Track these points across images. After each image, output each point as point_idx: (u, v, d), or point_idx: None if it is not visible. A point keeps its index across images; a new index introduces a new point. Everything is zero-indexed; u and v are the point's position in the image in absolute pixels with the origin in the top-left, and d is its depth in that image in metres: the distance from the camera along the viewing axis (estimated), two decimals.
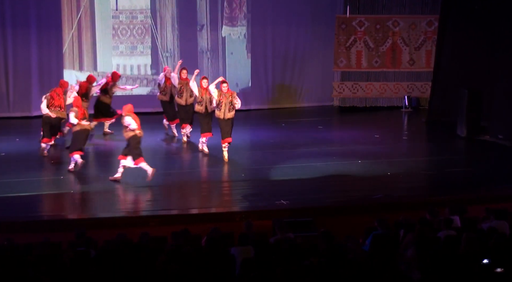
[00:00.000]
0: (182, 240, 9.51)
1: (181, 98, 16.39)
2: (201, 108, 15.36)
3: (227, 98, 14.79)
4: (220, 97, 14.83)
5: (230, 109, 14.82)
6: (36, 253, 9.05)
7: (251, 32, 21.03)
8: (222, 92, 14.84)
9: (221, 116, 14.82)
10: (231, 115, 14.86)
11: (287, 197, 12.75)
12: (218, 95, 14.84)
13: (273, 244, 9.63)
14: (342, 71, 21.35)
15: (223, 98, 14.81)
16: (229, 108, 14.80)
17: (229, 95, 14.82)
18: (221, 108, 14.81)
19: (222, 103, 14.80)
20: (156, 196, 13.18)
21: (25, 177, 13.99)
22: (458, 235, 9.47)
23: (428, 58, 21.05)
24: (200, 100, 15.38)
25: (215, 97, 14.88)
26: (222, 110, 14.81)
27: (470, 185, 13.79)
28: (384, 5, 21.12)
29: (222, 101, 14.81)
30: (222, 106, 14.79)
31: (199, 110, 15.41)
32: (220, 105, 14.83)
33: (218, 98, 14.85)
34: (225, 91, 14.83)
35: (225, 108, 14.79)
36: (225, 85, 14.87)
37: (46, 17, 19.70)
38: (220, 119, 14.87)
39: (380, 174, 14.40)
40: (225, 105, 14.77)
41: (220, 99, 14.82)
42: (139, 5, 20.33)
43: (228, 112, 14.82)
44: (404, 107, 21.26)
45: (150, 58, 20.52)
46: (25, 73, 19.76)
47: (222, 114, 14.81)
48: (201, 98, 15.34)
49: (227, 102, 14.78)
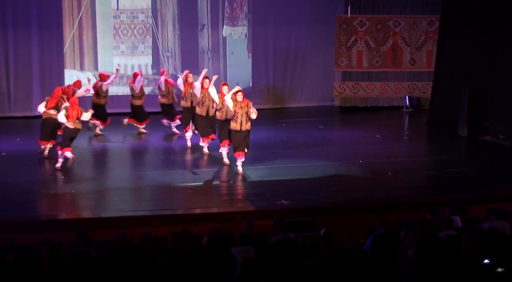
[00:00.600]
0: (183, 240, 9.50)
1: (202, 107, 15.25)
2: (222, 115, 14.47)
3: (243, 109, 13.86)
4: (235, 107, 13.91)
5: (247, 120, 13.92)
6: (36, 253, 9.05)
7: (252, 32, 21.02)
8: (238, 102, 13.90)
9: (238, 127, 13.87)
10: (249, 127, 13.99)
11: (288, 197, 12.75)
12: (233, 106, 13.92)
13: (274, 244, 9.63)
14: (343, 71, 21.34)
15: (238, 109, 13.87)
16: (246, 119, 13.88)
17: (244, 105, 13.89)
18: (237, 119, 13.87)
19: (238, 113, 13.86)
20: (157, 196, 13.18)
21: (26, 177, 13.99)
22: (458, 235, 9.47)
23: (429, 58, 21.04)
24: (220, 107, 14.47)
25: (231, 108, 13.99)
26: (238, 121, 13.87)
27: (471, 185, 13.78)
28: (385, 5, 21.11)
29: (238, 112, 13.88)
30: (238, 117, 13.86)
31: (220, 117, 14.54)
32: (236, 116, 13.90)
33: (233, 109, 13.93)
34: (240, 101, 13.92)
35: (242, 119, 13.85)
36: (240, 94, 13.90)
37: (47, 16, 19.69)
38: (235, 131, 13.93)
39: (380, 174, 14.39)
40: (242, 116, 13.85)
41: (235, 110, 13.89)
42: (140, 5, 20.33)
43: (246, 123, 13.92)
44: (405, 107, 21.25)
45: (151, 58, 20.51)
46: (26, 73, 19.76)
47: (239, 126, 13.87)
48: (221, 105, 14.43)
49: (243, 113, 13.85)
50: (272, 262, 8.64)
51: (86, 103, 17.19)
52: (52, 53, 19.86)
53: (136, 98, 17.34)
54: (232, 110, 13.94)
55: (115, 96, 19.82)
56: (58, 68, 19.91)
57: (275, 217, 11.16)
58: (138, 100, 17.37)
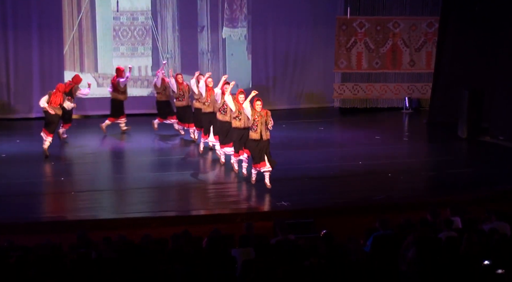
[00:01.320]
0: (183, 242, 9.50)
1: (225, 114, 14.50)
2: (239, 123, 13.87)
3: (262, 117, 13.27)
4: (254, 116, 13.33)
5: (266, 129, 13.30)
6: (37, 254, 9.05)
7: (252, 33, 21.03)
8: (256, 111, 13.32)
9: (257, 137, 13.28)
10: (269, 136, 13.37)
11: (288, 198, 12.76)
12: (252, 115, 13.34)
13: (274, 245, 9.63)
14: (342, 73, 21.33)
15: (258, 118, 13.29)
16: (265, 128, 13.28)
17: (264, 114, 13.28)
18: (257, 128, 13.27)
19: (258, 122, 13.27)
20: (157, 198, 13.19)
21: (26, 178, 14.00)
22: (459, 236, 9.47)
23: (429, 59, 21.05)
24: (237, 115, 13.88)
25: (249, 117, 13.45)
26: (258, 130, 13.26)
27: (470, 185, 13.79)
28: (385, 7, 21.10)
29: (257, 120, 13.30)
30: (258, 126, 13.26)
31: (237, 126, 13.90)
32: (255, 125, 13.32)
33: (252, 118, 13.35)
34: (259, 110, 13.33)
35: (261, 128, 13.26)
36: (258, 103, 13.34)
37: (47, 18, 19.69)
38: (255, 141, 13.33)
39: (381, 175, 14.40)
40: (261, 125, 13.26)
41: (254, 119, 13.32)
42: (140, 6, 20.33)
43: (265, 133, 13.30)
44: (405, 108, 21.26)
45: (150, 60, 20.51)
46: (26, 74, 19.76)
47: (258, 135, 13.27)
48: (238, 113, 13.86)
49: (262, 122, 13.25)
50: (272, 263, 8.63)
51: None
52: (52, 55, 19.87)
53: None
54: (251, 119, 13.41)
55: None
56: (58, 69, 19.91)
57: (275, 218, 11.17)
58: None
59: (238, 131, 13.88)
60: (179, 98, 16.70)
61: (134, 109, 18.98)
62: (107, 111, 17.90)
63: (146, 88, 20.50)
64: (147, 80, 20.46)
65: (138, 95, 20.30)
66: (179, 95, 16.71)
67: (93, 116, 19.95)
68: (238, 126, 13.85)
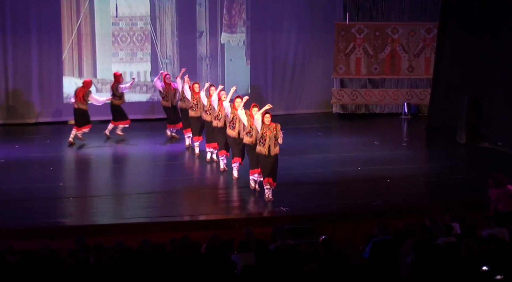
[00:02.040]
0: (182, 247, 9.50)
1: (233, 129, 14.08)
2: (251, 140, 13.26)
3: (272, 132, 12.80)
4: (263, 130, 12.88)
5: (275, 144, 12.87)
6: (35, 260, 9.03)
7: (250, 39, 21.05)
8: (265, 125, 12.89)
9: (264, 152, 12.83)
10: (277, 151, 12.95)
11: (287, 204, 12.75)
12: (261, 128, 12.88)
13: (273, 251, 9.63)
14: (341, 78, 21.35)
15: (267, 131, 12.83)
16: (274, 143, 12.83)
17: (273, 128, 12.84)
18: (265, 143, 12.81)
19: (266, 136, 12.81)
20: (156, 203, 13.18)
21: (24, 184, 13.98)
22: (458, 241, 9.47)
23: (427, 65, 21.07)
24: (249, 131, 13.29)
25: (258, 130, 12.93)
26: (266, 145, 12.81)
27: (469, 191, 13.78)
28: (383, 12, 21.14)
29: (266, 134, 12.84)
30: (266, 140, 12.80)
31: (249, 142, 13.32)
32: (263, 139, 12.87)
33: (261, 131, 12.87)
34: (268, 124, 12.90)
35: (270, 143, 12.79)
36: (267, 116, 12.87)
37: (46, 24, 19.69)
38: (262, 155, 12.90)
39: (379, 181, 14.39)
40: (270, 140, 12.79)
41: (263, 133, 12.86)
42: (139, 12, 20.34)
43: (274, 147, 12.86)
44: (404, 114, 21.26)
45: (149, 65, 20.52)
46: (25, 79, 19.74)
47: (266, 150, 12.83)
48: (250, 129, 13.27)
49: (271, 136, 12.79)
50: (271, 269, 8.63)
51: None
52: (51, 60, 19.86)
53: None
54: (259, 132, 12.92)
55: None
56: (56, 75, 19.90)
57: (275, 224, 11.17)
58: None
59: (249, 148, 13.42)
60: (193, 108, 15.74)
61: (132, 115, 18.96)
62: (105, 117, 17.91)
63: (145, 93, 20.51)
64: (146, 86, 20.46)
65: (137, 100, 20.31)
66: (192, 104, 15.73)
67: (92, 121, 19.92)
68: (249, 143, 13.31)
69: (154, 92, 20.25)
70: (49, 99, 19.91)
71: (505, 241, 9.68)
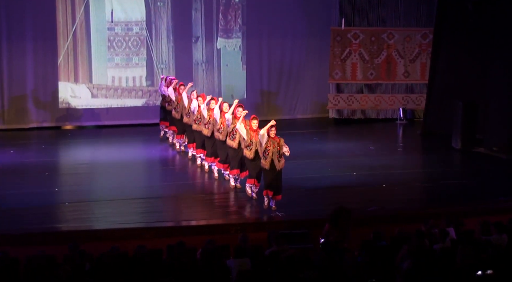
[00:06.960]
0: (178, 253, 9.48)
1: (233, 140, 13.85)
2: (250, 153, 13.12)
3: (275, 147, 12.66)
4: (267, 144, 12.73)
5: (279, 159, 12.68)
6: (30, 266, 9.01)
7: (246, 44, 21.07)
8: (270, 139, 12.75)
9: (267, 166, 12.69)
10: (282, 165, 12.75)
11: (283, 209, 12.74)
12: (265, 142, 12.72)
13: (268, 256, 9.62)
14: (337, 83, 21.37)
15: (270, 146, 12.68)
16: (277, 157, 12.65)
17: (276, 143, 12.66)
18: (267, 157, 12.65)
19: (269, 151, 12.65)
20: (151, 208, 13.16)
21: (19, 189, 13.95)
22: (453, 247, 9.47)
23: (423, 70, 21.11)
24: (248, 144, 13.14)
25: (263, 144, 12.76)
26: (268, 159, 12.64)
27: (465, 197, 13.80)
28: (379, 18, 21.17)
29: (269, 149, 12.69)
30: (269, 155, 12.64)
31: (248, 156, 13.15)
32: (266, 153, 12.70)
33: (265, 146, 12.71)
34: (273, 137, 12.73)
35: (273, 157, 12.62)
36: (273, 129, 12.73)
37: (42, 29, 19.68)
38: (266, 170, 12.74)
39: (375, 186, 14.40)
40: (273, 154, 12.63)
41: (267, 147, 12.72)
42: (134, 17, 20.34)
43: (278, 162, 12.68)
44: (399, 119, 21.29)
45: (145, 70, 20.51)
46: (20, 84, 19.71)
47: (268, 164, 12.66)
48: (250, 142, 13.12)
49: (275, 151, 12.62)
50: (266, 274, 8.62)
51: None
52: (46, 65, 19.84)
53: None
54: (263, 147, 12.75)
55: (110, 109, 19.89)
56: (52, 80, 19.88)
57: (270, 229, 11.15)
58: None
59: (249, 162, 13.26)
60: (196, 121, 15.24)
61: (128, 120, 18.97)
62: (102, 122, 17.88)
63: (140, 98, 20.49)
64: (141, 91, 20.45)
65: (133, 105, 20.29)
66: (196, 117, 15.27)
67: (88, 127, 19.94)
68: (248, 157, 13.16)
69: (149, 97, 20.25)
70: (45, 105, 19.89)
71: (502, 246, 9.68)
